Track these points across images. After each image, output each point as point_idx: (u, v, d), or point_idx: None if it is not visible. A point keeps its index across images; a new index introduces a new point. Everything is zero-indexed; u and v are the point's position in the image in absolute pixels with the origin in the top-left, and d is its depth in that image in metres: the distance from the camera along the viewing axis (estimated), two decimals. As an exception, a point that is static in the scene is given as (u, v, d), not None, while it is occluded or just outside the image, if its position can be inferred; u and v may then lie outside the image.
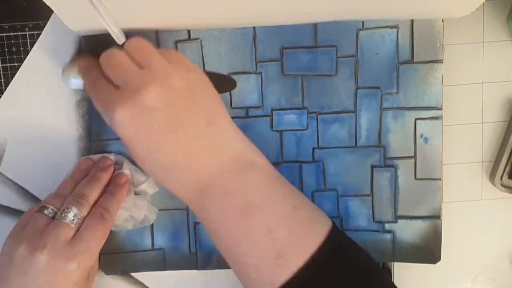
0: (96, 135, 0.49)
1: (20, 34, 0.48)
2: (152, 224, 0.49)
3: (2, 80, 0.49)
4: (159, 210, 0.49)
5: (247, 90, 0.48)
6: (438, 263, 0.49)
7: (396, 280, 0.51)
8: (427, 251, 0.49)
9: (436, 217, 0.49)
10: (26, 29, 0.48)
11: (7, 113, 0.49)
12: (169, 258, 0.50)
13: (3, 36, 0.48)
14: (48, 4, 0.40)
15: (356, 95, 0.48)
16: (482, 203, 0.51)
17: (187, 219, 0.49)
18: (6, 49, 0.48)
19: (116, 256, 0.49)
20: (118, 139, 0.47)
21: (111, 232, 0.48)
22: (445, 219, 0.49)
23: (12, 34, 0.48)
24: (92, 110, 0.48)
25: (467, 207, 0.51)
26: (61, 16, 0.43)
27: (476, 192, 0.51)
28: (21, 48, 0.48)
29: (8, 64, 0.48)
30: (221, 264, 0.49)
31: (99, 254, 0.47)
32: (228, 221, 0.39)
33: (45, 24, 0.48)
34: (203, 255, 0.49)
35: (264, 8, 0.43)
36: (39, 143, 0.49)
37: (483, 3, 0.46)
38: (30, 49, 0.48)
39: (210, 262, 0.49)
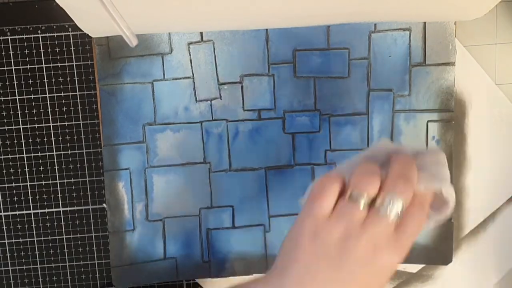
0: (107, 140, 0.49)
1: (33, 37, 0.48)
2: (164, 232, 0.49)
3: (15, 82, 0.49)
4: (171, 217, 0.49)
5: (259, 92, 0.48)
6: (451, 265, 0.50)
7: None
8: (439, 252, 0.49)
9: (447, 219, 0.49)
10: (39, 31, 0.48)
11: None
12: (181, 267, 0.50)
13: (15, 38, 0.48)
14: (61, 6, 0.40)
15: (368, 97, 0.48)
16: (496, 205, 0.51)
17: (199, 225, 0.49)
18: (18, 52, 0.48)
19: (128, 268, 0.49)
20: (129, 143, 0.47)
21: (122, 243, 0.48)
22: (458, 221, 0.50)
23: (24, 36, 0.48)
24: (104, 114, 0.48)
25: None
26: (75, 18, 0.43)
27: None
28: (34, 51, 0.49)
29: (21, 67, 0.49)
30: (235, 271, 0.50)
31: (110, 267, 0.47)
32: None
33: (57, 27, 0.48)
34: (216, 263, 0.50)
35: (277, 11, 0.43)
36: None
37: (496, 5, 0.46)
38: (43, 52, 0.48)
39: (224, 269, 0.50)
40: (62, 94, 0.50)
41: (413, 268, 0.51)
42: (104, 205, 0.50)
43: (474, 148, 0.50)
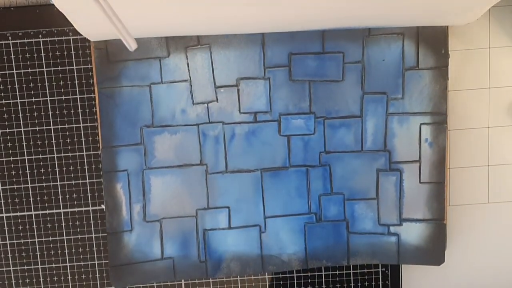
0: (106, 142, 0.49)
1: (34, 41, 0.49)
2: (162, 232, 0.50)
3: (16, 86, 0.50)
4: (168, 218, 0.50)
5: (255, 95, 0.49)
6: (444, 266, 0.50)
7: (404, 284, 0.52)
8: (431, 253, 0.49)
9: (440, 220, 0.49)
10: (40, 35, 0.49)
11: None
12: (178, 268, 0.50)
13: (17, 42, 0.49)
14: (61, 10, 0.40)
15: (362, 101, 0.49)
16: (489, 206, 0.52)
17: (196, 226, 0.50)
18: (20, 56, 0.49)
19: (125, 268, 0.50)
20: (127, 145, 0.48)
21: (120, 243, 0.49)
22: (452, 222, 0.50)
23: (26, 40, 0.49)
24: (102, 116, 0.49)
25: (473, 210, 0.52)
26: (73, 22, 0.44)
27: (483, 195, 0.52)
28: (35, 55, 0.49)
29: (22, 71, 0.49)
30: (231, 271, 0.50)
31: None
32: None
33: (58, 31, 0.49)
34: (212, 263, 0.50)
35: (273, 15, 0.44)
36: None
37: (489, 9, 0.46)
38: (44, 55, 0.49)
39: (220, 269, 0.50)
40: (63, 97, 0.50)
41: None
42: (103, 206, 0.51)
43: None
